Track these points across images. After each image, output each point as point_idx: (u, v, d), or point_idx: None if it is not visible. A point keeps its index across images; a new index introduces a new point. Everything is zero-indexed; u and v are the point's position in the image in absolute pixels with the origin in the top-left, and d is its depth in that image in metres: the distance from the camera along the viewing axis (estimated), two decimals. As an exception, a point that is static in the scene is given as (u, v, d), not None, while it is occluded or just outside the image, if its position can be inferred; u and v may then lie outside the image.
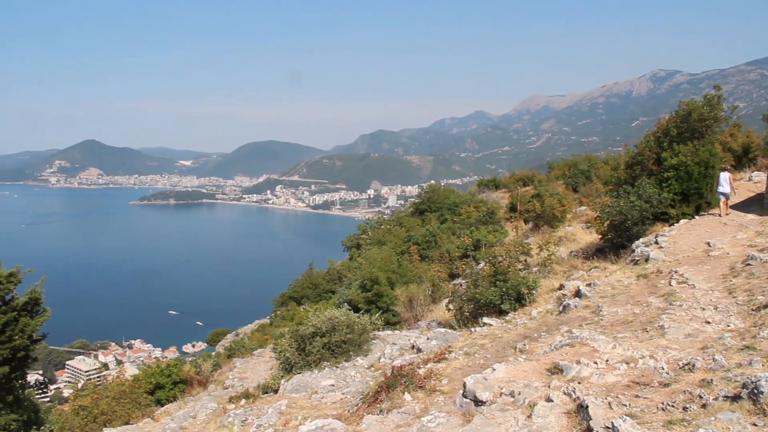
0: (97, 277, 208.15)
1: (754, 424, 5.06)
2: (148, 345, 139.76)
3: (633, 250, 16.22)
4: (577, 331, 9.42)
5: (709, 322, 9.17)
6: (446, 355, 10.56)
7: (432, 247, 32.76)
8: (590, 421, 5.78)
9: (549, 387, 7.04)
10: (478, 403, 7.21)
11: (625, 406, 6.14)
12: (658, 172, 20.05)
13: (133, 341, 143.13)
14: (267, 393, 12.92)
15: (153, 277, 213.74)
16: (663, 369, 7.14)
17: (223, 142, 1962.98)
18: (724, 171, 18.85)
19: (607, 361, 7.69)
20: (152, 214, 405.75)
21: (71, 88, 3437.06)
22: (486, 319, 13.71)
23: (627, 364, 7.51)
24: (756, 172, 25.11)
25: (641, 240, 17.24)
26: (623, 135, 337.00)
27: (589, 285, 13.47)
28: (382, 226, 50.21)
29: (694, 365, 6.93)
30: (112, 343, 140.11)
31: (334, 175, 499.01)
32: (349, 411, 9.27)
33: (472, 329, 13.14)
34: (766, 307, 9.18)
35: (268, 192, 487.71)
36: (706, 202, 19.45)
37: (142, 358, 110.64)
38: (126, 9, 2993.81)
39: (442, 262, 26.35)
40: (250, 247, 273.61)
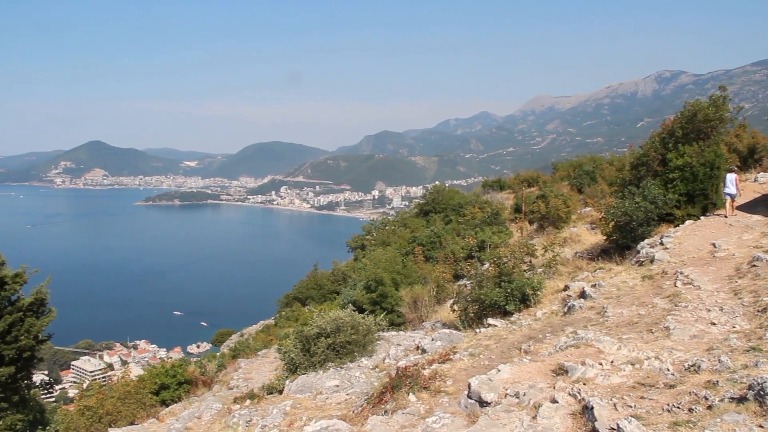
0: (102, 277, 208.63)
1: (761, 426, 5.05)
2: (153, 345, 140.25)
3: (638, 251, 16.16)
4: (582, 332, 9.40)
5: (714, 324, 9.13)
6: (451, 356, 10.55)
7: (437, 248, 32.72)
8: (595, 423, 5.77)
9: (554, 388, 7.03)
10: (483, 404, 7.21)
11: (631, 407, 6.13)
12: (663, 173, 19.99)
13: (137, 342, 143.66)
14: (272, 393, 12.93)
15: (158, 278, 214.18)
16: (668, 370, 7.12)
17: (227, 143, 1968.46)
18: (730, 172, 18.77)
19: (612, 362, 7.68)
20: (157, 215, 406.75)
21: (76, 89, 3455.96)
22: (491, 320, 13.70)
23: (632, 365, 7.49)
24: (762, 173, 25.00)
25: (646, 241, 17.18)
26: (628, 136, 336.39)
27: (594, 286, 13.44)
28: (387, 227, 50.27)
29: (699, 366, 6.91)
30: (117, 344, 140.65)
31: (338, 175, 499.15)
32: (354, 412, 9.28)
33: (477, 330, 13.13)
34: (772, 308, 9.14)
35: (273, 193, 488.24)
36: (711, 203, 19.38)
37: (146, 359, 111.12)
38: (132, 10, 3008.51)
39: (446, 263, 26.33)
40: (254, 248, 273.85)
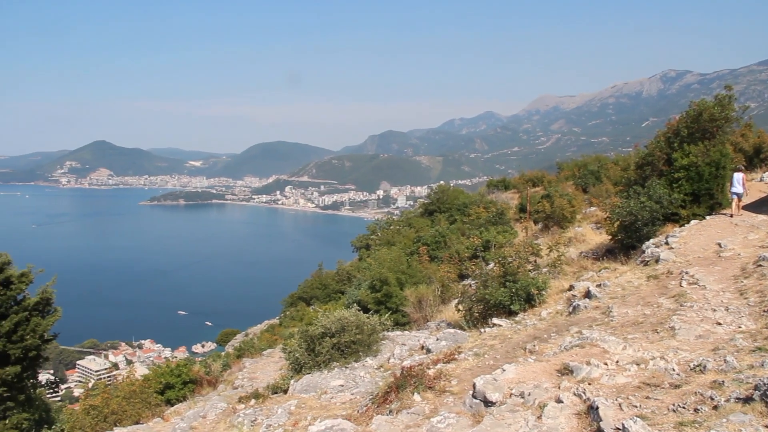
0: (107, 277, 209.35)
1: (767, 426, 5.03)
2: (158, 345, 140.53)
3: (643, 251, 16.10)
4: (587, 332, 9.38)
5: (720, 324, 9.10)
6: (456, 356, 10.54)
7: (441, 248, 32.71)
8: (600, 423, 5.76)
9: (559, 388, 7.02)
10: (488, 404, 7.21)
11: (636, 407, 6.12)
12: (669, 173, 19.92)
13: (143, 341, 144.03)
14: (276, 393, 12.96)
15: (162, 278, 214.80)
16: (674, 370, 7.10)
17: (232, 143, 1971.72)
18: (737, 171, 18.71)
19: (618, 362, 7.66)
20: (162, 215, 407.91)
21: (81, 89, 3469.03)
22: (496, 320, 13.68)
23: (637, 365, 7.47)
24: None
25: (651, 241, 17.11)
26: (633, 135, 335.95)
27: (599, 286, 13.41)
28: (392, 227, 50.24)
29: (705, 366, 6.89)
30: (122, 343, 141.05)
31: (343, 175, 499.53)
32: (359, 411, 9.29)
33: (482, 330, 13.11)
34: (778, 308, 9.11)
35: (278, 192, 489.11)
36: (717, 202, 19.31)
37: (152, 358, 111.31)
38: (137, 10, 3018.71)
39: (451, 263, 26.29)
40: (259, 248, 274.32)
